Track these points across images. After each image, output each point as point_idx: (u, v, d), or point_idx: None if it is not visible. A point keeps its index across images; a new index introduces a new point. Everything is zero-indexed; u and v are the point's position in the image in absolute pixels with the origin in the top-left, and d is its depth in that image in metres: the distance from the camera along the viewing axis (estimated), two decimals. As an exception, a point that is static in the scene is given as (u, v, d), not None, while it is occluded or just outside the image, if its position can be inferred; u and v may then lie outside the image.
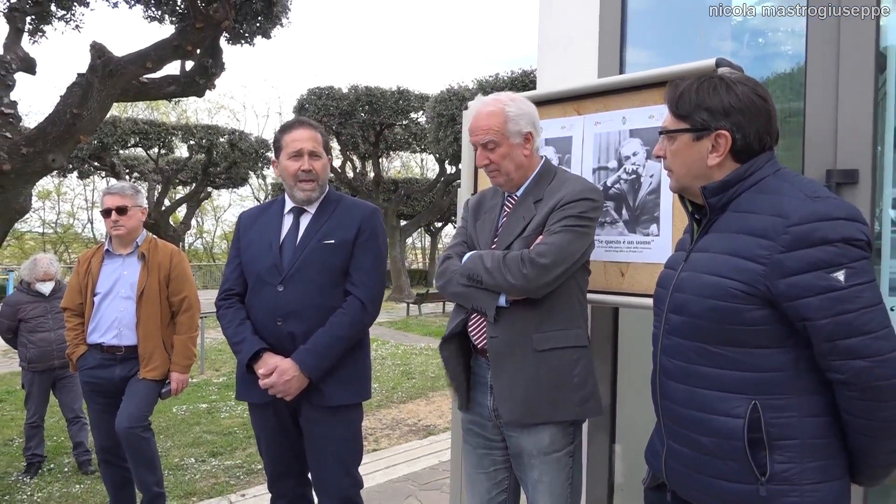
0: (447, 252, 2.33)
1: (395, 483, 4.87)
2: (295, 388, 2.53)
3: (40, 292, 5.19)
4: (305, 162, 2.62)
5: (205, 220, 39.44)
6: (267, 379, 2.51)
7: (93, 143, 17.48)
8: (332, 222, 2.66)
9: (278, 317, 2.57)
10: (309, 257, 2.60)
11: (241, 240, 2.77)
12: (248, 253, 2.70)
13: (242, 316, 2.65)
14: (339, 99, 19.84)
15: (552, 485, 2.16)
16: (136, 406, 3.52)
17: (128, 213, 3.60)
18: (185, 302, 3.69)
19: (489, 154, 2.19)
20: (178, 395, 3.71)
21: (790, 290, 1.40)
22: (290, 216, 2.71)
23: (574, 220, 2.06)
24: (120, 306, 3.59)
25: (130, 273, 3.63)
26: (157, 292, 3.61)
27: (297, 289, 2.57)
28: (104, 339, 3.58)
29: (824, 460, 1.46)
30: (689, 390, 1.57)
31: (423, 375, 9.52)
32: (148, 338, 3.57)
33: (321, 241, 2.62)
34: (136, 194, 3.68)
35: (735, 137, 1.54)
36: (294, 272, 2.58)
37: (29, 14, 6.76)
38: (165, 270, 3.66)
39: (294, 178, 2.63)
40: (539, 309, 2.10)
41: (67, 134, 5.87)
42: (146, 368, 3.56)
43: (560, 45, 2.91)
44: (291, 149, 2.62)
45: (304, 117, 2.88)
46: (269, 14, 7.88)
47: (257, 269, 2.64)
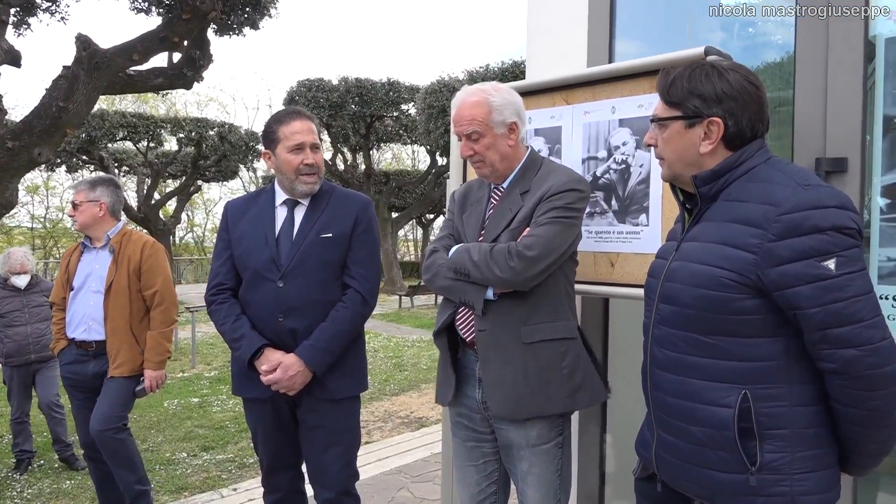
0: (434, 245, 2.31)
1: (387, 475, 4.87)
2: (300, 383, 2.51)
3: (16, 286, 5.15)
4: (309, 156, 2.56)
5: (195, 213, 39.26)
6: (271, 375, 2.48)
7: (80, 137, 17.32)
8: (328, 215, 2.63)
9: (279, 313, 2.53)
10: (307, 251, 2.56)
11: (230, 231, 2.70)
12: (240, 246, 2.65)
13: (238, 312, 2.61)
14: (329, 91, 19.74)
15: (541, 476, 2.16)
16: (108, 407, 3.44)
17: (78, 209, 3.53)
18: (158, 296, 3.54)
19: (473, 145, 2.16)
20: (153, 392, 3.63)
21: (781, 279, 1.39)
22: (283, 208, 2.66)
23: (561, 212, 2.04)
24: (90, 300, 3.51)
25: (101, 267, 3.55)
26: (127, 286, 3.49)
27: (297, 284, 2.54)
28: (76, 333, 3.52)
29: (815, 450, 1.46)
30: (679, 380, 1.56)
31: (415, 367, 9.53)
32: (115, 333, 3.46)
33: (319, 234, 2.58)
34: (91, 189, 3.56)
35: (727, 124, 1.53)
36: (293, 267, 2.55)
37: (14, 6, 6.68)
38: (136, 263, 3.52)
39: (296, 171, 2.56)
40: (527, 301, 2.09)
41: (54, 127, 5.82)
42: (114, 365, 3.46)
43: (549, 34, 2.89)
44: (292, 141, 2.55)
45: (297, 107, 2.81)
46: (256, 4, 7.83)
47: (253, 263, 2.59)
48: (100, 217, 3.57)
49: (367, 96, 19.83)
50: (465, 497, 2.36)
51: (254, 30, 8.19)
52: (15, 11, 7.02)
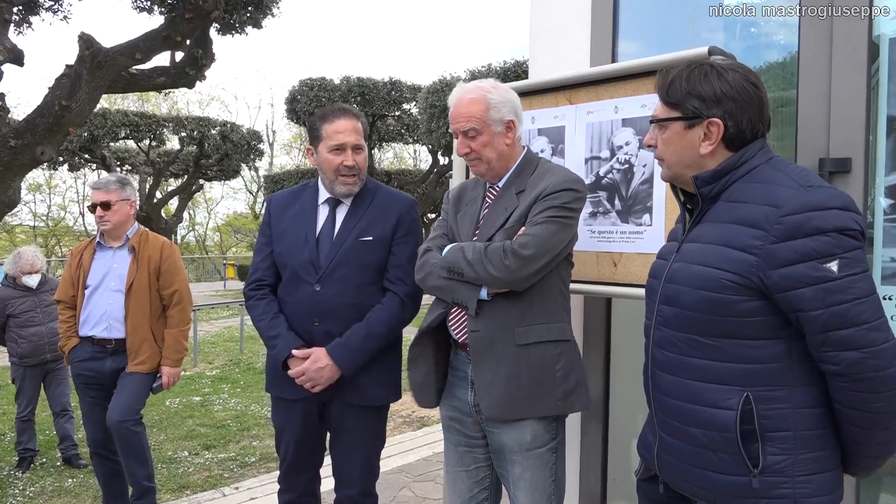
0: (426, 245, 2.27)
1: (389, 475, 4.86)
2: (326, 378, 2.46)
3: (27, 286, 5.15)
4: (349, 157, 2.50)
5: (197, 212, 39.27)
6: (300, 366, 2.45)
7: (83, 136, 17.33)
8: (370, 216, 2.57)
9: (315, 316, 2.51)
10: (347, 254, 2.52)
11: (272, 227, 2.66)
12: (281, 244, 2.61)
13: (276, 309, 2.58)
14: (331, 90, 19.73)
15: (534, 481, 2.12)
16: (127, 399, 3.50)
17: (112, 209, 3.56)
18: (176, 295, 3.66)
19: (470, 142, 2.14)
20: (170, 389, 3.69)
21: (783, 281, 1.39)
22: (324, 207, 2.61)
23: (557, 211, 2.02)
24: (109, 299, 3.57)
25: (120, 266, 3.62)
26: (147, 285, 3.59)
27: (334, 287, 2.50)
28: (94, 331, 3.56)
29: (817, 452, 1.46)
30: (681, 382, 1.56)
31: (416, 367, 9.51)
32: (136, 331, 3.54)
33: (359, 237, 2.53)
34: (122, 188, 3.64)
35: (727, 125, 1.52)
36: (331, 270, 2.50)
37: (16, 4, 6.68)
38: (156, 263, 3.63)
39: (335, 172, 2.51)
40: (521, 302, 2.06)
41: (56, 126, 5.81)
42: (134, 362, 3.53)
43: (552, 34, 2.89)
44: (334, 141, 2.49)
45: (345, 105, 2.76)
46: (259, 4, 7.82)
47: (292, 263, 2.55)
48: (130, 216, 3.67)
49: (368, 95, 19.82)
50: (455, 503, 2.32)
51: (256, 29, 8.17)
52: (17, 10, 7.02)
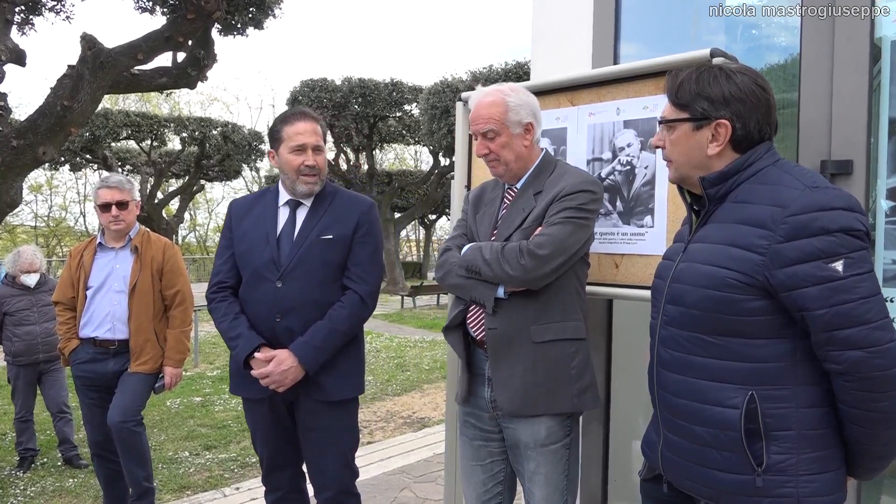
0: (447, 244, 2.33)
1: (389, 476, 4.87)
2: (290, 379, 2.50)
3: (25, 285, 5.15)
4: (310, 157, 2.58)
5: (198, 212, 39.28)
6: (263, 368, 2.48)
7: (84, 136, 17.36)
8: (330, 217, 2.64)
9: (277, 313, 2.55)
10: (307, 252, 2.57)
11: (233, 230, 2.72)
12: (242, 245, 2.66)
13: (237, 310, 2.63)
14: (332, 91, 19.77)
15: (549, 476, 2.17)
16: (128, 400, 3.50)
17: (128, 208, 3.57)
18: (179, 296, 3.67)
19: (489, 143, 2.18)
20: (171, 389, 3.69)
21: (788, 280, 1.40)
22: (285, 208, 2.67)
23: (573, 212, 2.05)
24: (113, 300, 3.56)
25: (123, 266, 3.61)
26: (150, 286, 3.59)
27: (295, 285, 2.55)
28: (97, 332, 3.55)
29: (821, 451, 1.46)
30: (686, 381, 1.56)
31: (417, 368, 9.52)
32: (139, 331, 3.54)
33: (319, 235, 2.59)
34: (132, 188, 3.66)
35: (735, 127, 1.53)
36: (293, 268, 2.56)
37: (19, 4, 6.70)
38: (158, 264, 3.63)
39: (297, 172, 2.58)
40: (537, 301, 2.10)
41: (58, 126, 5.83)
42: (137, 362, 3.53)
43: (554, 35, 2.89)
44: (294, 142, 2.57)
45: (304, 108, 2.82)
46: (261, 4, 7.84)
47: (253, 262, 2.61)
48: (137, 216, 3.69)
49: (370, 96, 19.86)
50: (470, 496, 2.37)
51: (258, 30, 8.20)
52: (20, 10, 7.03)
